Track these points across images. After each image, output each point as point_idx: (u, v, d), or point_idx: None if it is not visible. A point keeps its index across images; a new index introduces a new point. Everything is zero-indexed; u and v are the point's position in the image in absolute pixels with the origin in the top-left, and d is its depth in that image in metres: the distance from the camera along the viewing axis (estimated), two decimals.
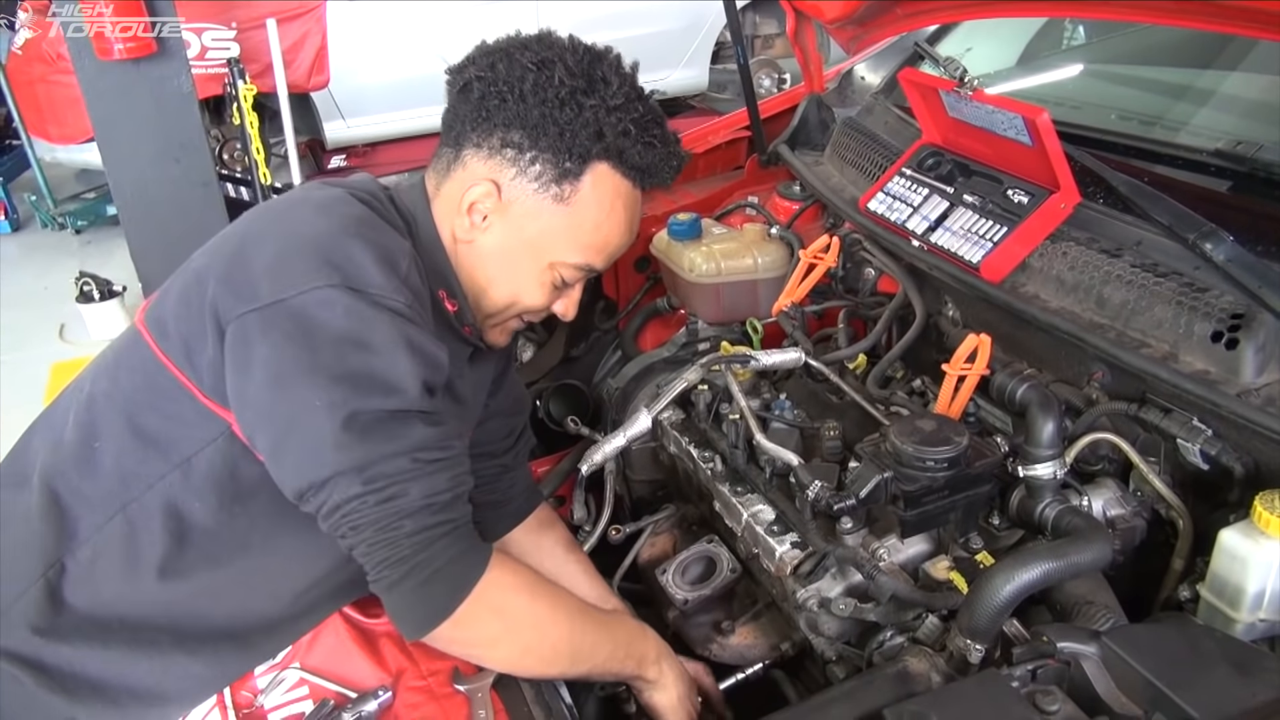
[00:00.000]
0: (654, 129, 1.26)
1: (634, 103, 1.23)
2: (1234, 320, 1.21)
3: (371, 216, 1.16)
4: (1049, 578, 1.09)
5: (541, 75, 1.19)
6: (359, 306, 1.06)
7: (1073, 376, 1.46)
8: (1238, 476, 1.23)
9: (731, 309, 1.97)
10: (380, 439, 1.05)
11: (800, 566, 1.32)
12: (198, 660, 1.17)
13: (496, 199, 1.24)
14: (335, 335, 1.04)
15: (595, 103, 1.20)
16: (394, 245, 1.14)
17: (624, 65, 1.26)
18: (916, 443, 1.24)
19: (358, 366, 1.05)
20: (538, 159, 1.22)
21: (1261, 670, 0.96)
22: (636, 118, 1.23)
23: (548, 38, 1.25)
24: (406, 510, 1.05)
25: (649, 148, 1.25)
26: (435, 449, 1.09)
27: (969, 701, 0.98)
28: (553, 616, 1.19)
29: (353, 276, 1.07)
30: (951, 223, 1.56)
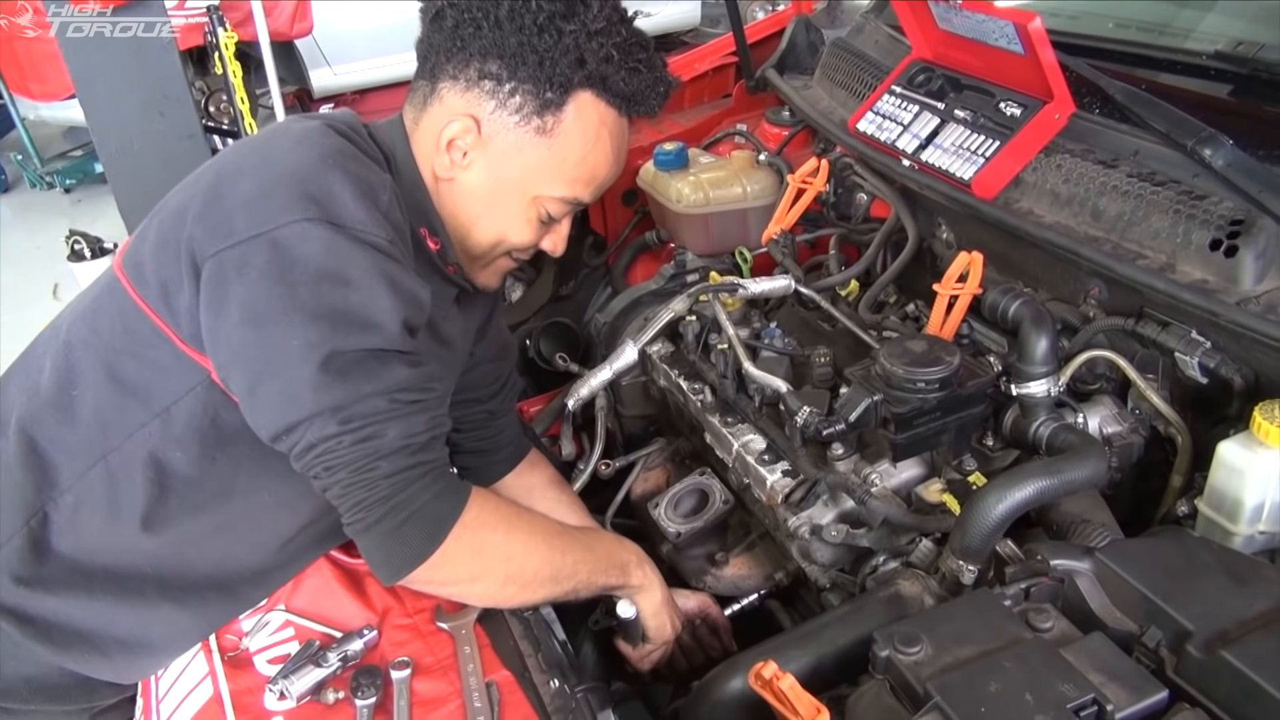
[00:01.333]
0: (639, 53, 1.19)
1: (616, 26, 1.17)
2: (1233, 227, 1.17)
3: (351, 149, 1.12)
4: (1042, 495, 1.07)
5: (517, 0, 1.13)
6: (338, 241, 1.02)
7: (1069, 294, 1.42)
8: (1237, 389, 1.20)
9: (721, 239, 1.93)
10: (358, 379, 1.02)
11: (792, 495, 1.30)
12: (184, 609, 1.16)
13: (476, 135, 1.18)
14: (313, 271, 1.01)
15: (575, 28, 1.14)
16: (374, 178, 1.10)
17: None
18: (906, 364, 1.21)
19: (336, 303, 1.01)
20: (517, 90, 1.16)
21: (1258, 580, 0.94)
22: (620, 42, 1.17)
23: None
24: (383, 451, 1.02)
25: (634, 73, 1.19)
26: (414, 390, 1.06)
27: (960, 621, 0.96)
28: (529, 544, 1.17)
29: (332, 210, 1.03)
30: (943, 140, 1.51)
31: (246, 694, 1.05)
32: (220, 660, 1.10)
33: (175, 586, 1.15)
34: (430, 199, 1.23)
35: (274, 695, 1.03)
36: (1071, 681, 0.85)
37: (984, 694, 0.85)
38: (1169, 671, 0.90)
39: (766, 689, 0.97)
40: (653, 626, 1.33)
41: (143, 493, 1.12)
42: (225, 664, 1.09)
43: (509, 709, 0.99)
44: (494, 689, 1.02)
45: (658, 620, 1.33)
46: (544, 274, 2.18)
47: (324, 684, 1.05)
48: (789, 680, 0.96)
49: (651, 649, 1.35)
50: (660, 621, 1.34)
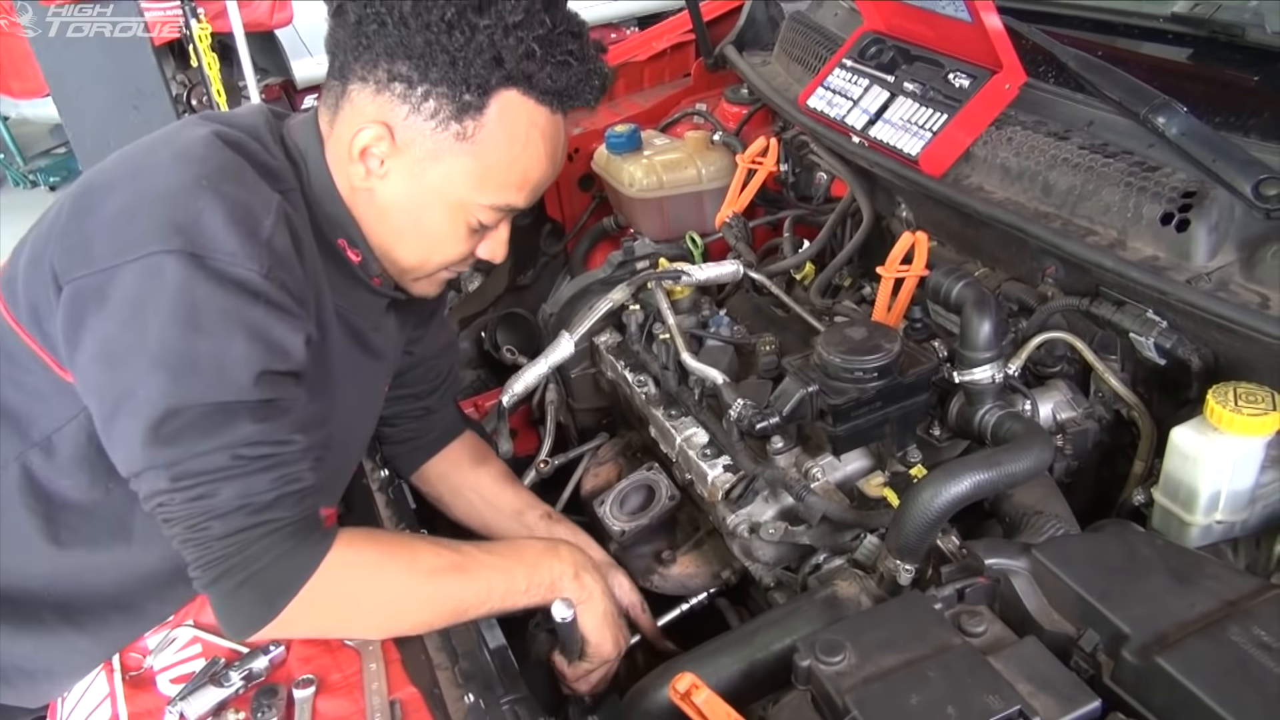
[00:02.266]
0: (566, 43, 1.07)
1: (538, 15, 1.04)
2: (1185, 200, 1.10)
3: (237, 165, 1.01)
4: (980, 489, 1.01)
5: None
6: (198, 279, 0.93)
7: (1026, 274, 1.36)
8: (1196, 370, 1.13)
9: (677, 223, 1.87)
10: (195, 435, 0.93)
11: (731, 491, 1.24)
12: (85, 633, 1.11)
13: (390, 143, 1.07)
14: (166, 313, 0.92)
15: (490, 22, 1.01)
16: (256, 200, 0.99)
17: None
18: (844, 352, 1.14)
19: (184, 351, 0.93)
20: (430, 94, 1.04)
21: (1202, 578, 0.88)
22: (543, 34, 1.04)
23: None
24: (217, 511, 0.94)
25: (562, 67, 1.07)
26: (265, 444, 0.97)
27: (888, 627, 0.90)
28: (409, 589, 1.09)
29: (198, 241, 0.93)
30: (891, 114, 1.44)
31: (145, 716, 1.01)
32: (121, 681, 1.05)
33: (75, 610, 1.10)
34: (348, 210, 1.13)
35: (173, 717, 0.99)
36: (998, 692, 0.80)
37: (904, 706, 0.80)
38: (1105, 678, 0.85)
39: (685, 702, 0.92)
40: (591, 643, 1.23)
41: (28, 523, 1.06)
42: (126, 684, 1.05)
43: None
44: (398, 707, 0.97)
45: (597, 636, 1.22)
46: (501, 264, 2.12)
47: (225, 704, 1.00)
48: (704, 694, 0.91)
49: (589, 668, 1.25)
50: (600, 638, 1.23)
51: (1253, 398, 1.01)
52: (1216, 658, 0.78)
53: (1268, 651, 0.77)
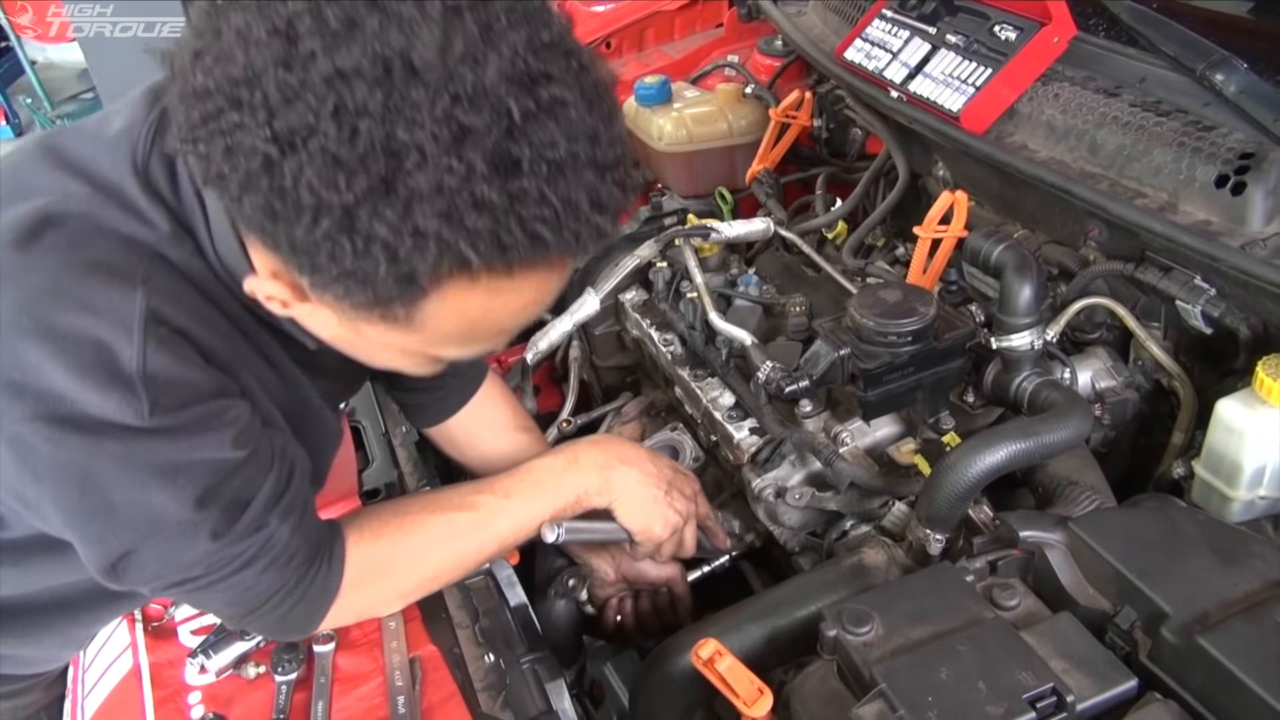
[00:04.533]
0: (539, 198, 0.66)
1: (481, 175, 0.64)
2: (1242, 161, 1.05)
3: (72, 271, 0.76)
4: (1015, 460, 0.98)
5: (290, 160, 0.64)
6: (70, 440, 0.76)
7: (1068, 236, 1.31)
8: (1244, 339, 1.09)
9: (706, 179, 1.82)
10: (156, 566, 0.84)
11: (758, 454, 1.22)
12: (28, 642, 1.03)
13: (304, 301, 0.77)
14: (55, 476, 0.79)
15: (395, 216, 0.64)
16: (106, 324, 0.75)
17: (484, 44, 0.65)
18: (877, 315, 1.11)
19: (97, 508, 0.80)
20: (337, 294, 0.72)
21: (1246, 556, 0.85)
22: (495, 200, 0.65)
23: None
24: (211, 603, 0.90)
25: (534, 239, 0.67)
26: (235, 546, 0.85)
27: (917, 597, 0.89)
28: (432, 568, 1.03)
29: (49, 400, 0.75)
30: (933, 68, 1.39)
31: (167, 666, 1.01)
32: (143, 631, 1.05)
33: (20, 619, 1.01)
34: None
35: (194, 668, 0.99)
36: (1030, 669, 0.78)
37: (934, 681, 0.78)
38: (1142, 656, 0.83)
39: (708, 668, 0.91)
40: (637, 533, 1.17)
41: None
42: (148, 635, 1.05)
43: (431, 686, 0.94)
44: (417, 665, 0.96)
45: (641, 525, 1.16)
46: None
47: (246, 657, 1.00)
48: (728, 661, 0.90)
49: (649, 550, 1.20)
50: (645, 525, 1.16)
51: None
52: (1261, 640, 0.76)
53: None
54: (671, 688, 1.04)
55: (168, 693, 0.99)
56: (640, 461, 1.17)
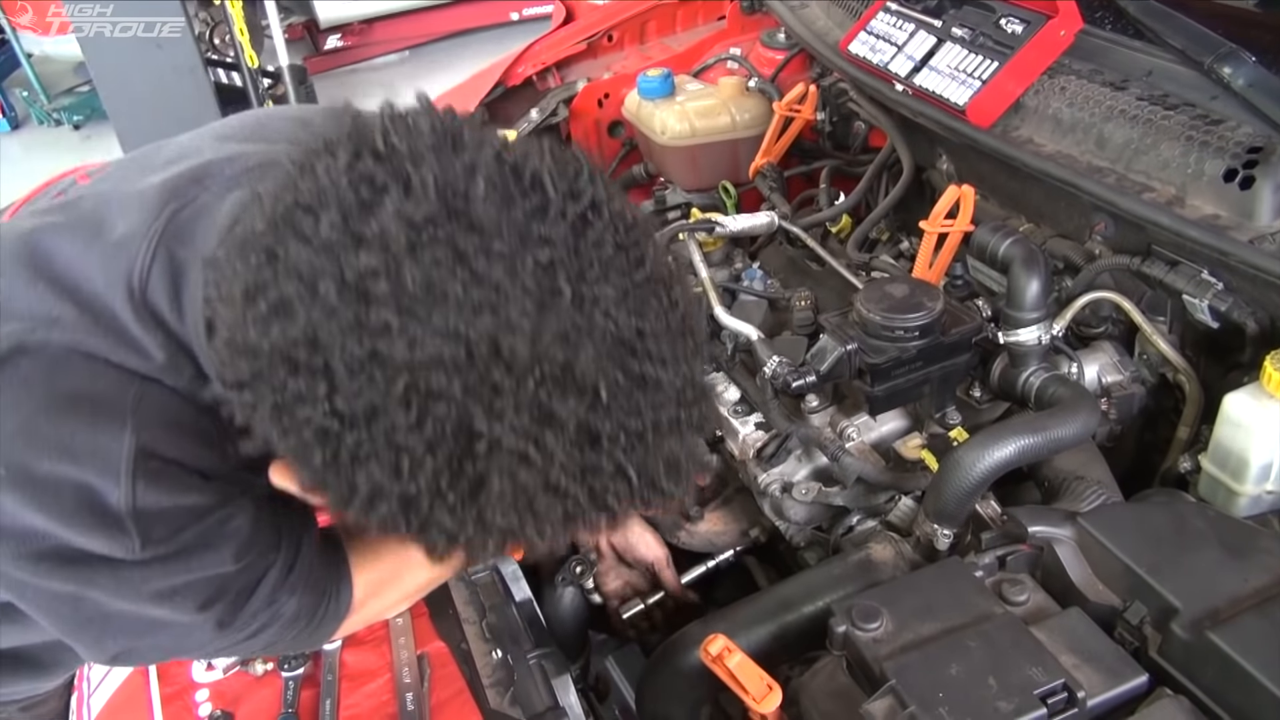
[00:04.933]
0: (623, 459, 0.61)
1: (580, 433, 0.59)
2: (1250, 155, 1.05)
3: (57, 403, 0.71)
4: (1024, 455, 0.98)
5: (350, 438, 0.57)
6: (54, 574, 0.73)
7: (1074, 230, 1.31)
8: (1251, 334, 1.09)
9: (710, 173, 1.82)
10: (158, 654, 0.86)
11: (764, 449, 1.22)
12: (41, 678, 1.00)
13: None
14: (47, 600, 0.76)
15: (478, 487, 0.58)
16: (90, 471, 0.70)
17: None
18: (884, 310, 1.11)
19: (93, 617, 0.77)
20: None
21: (1256, 552, 0.85)
22: (583, 467, 0.60)
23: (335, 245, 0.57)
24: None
25: (604, 509, 0.63)
26: (237, 633, 0.82)
27: (926, 593, 0.89)
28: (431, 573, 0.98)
29: (30, 540, 0.71)
30: (938, 61, 1.38)
31: (174, 664, 1.01)
32: None
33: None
34: None
35: (201, 665, 0.99)
36: (1041, 664, 0.78)
37: (944, 677, 0.78)
38: (1152, 652, 0.83)
39: (716, 664, 0.91)
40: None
41: None
42: None
43: (440, 682, 0.94)
44: (425, 661, 0.96)
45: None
46: None
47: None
48: (737, 657, 0.89)
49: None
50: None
51: None
52: (1272, 635, 0.76)
53: None
54: (680, 683, 1.04)
55: (175, 690, 0.98)
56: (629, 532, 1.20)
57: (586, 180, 0.61)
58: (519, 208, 0.57)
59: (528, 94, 2.02)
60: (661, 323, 0.61)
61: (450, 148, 0.59)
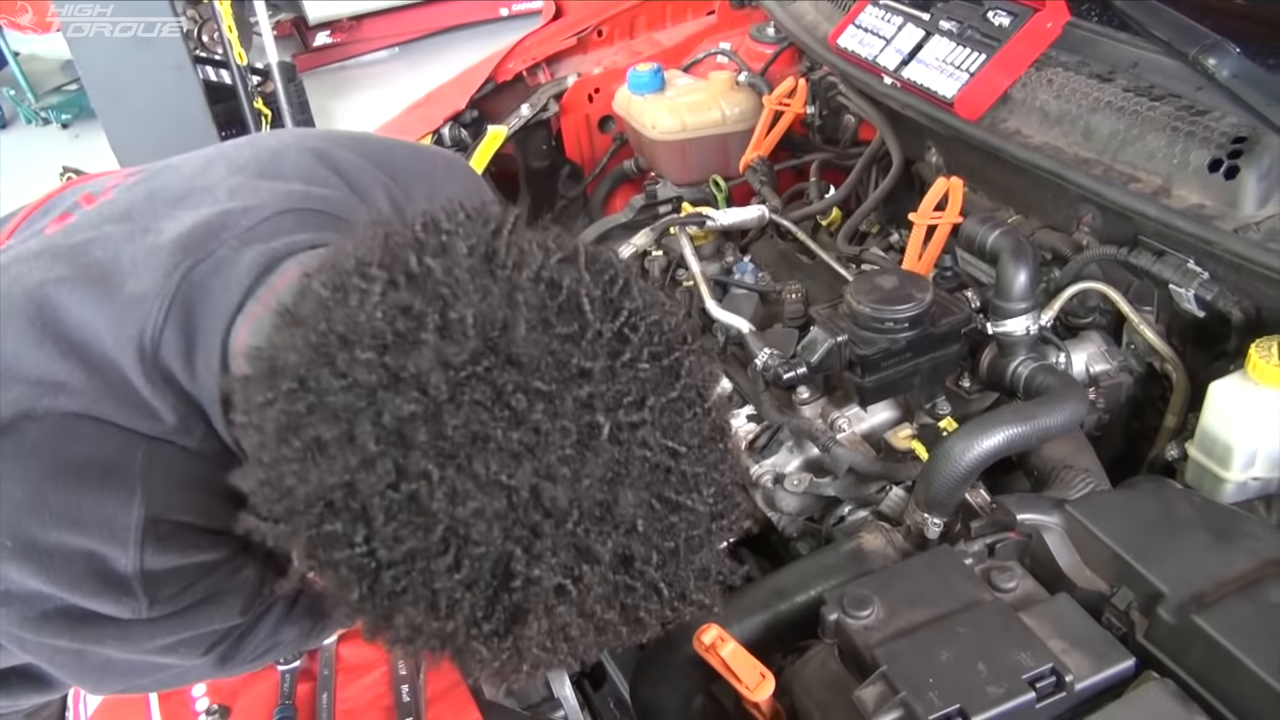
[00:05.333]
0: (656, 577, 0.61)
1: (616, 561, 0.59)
2: (1235, 145, 1.06)
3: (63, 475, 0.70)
4: (1013, 444, 0.99)
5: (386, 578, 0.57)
6: (59, 632, 0.73)
7: (1061, 221, 1.32)
8: (1236, 323, 1.10)
9: (701, 167, 1.82)
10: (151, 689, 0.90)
11: (755, 441, 1.22)
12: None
13: None
14: (50, 653, 0.77)
15: (514, 621, 0.58)
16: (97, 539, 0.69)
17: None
18: (874, 302, 1.12)
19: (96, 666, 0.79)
20: None
21: (1241, 537, 0.86)
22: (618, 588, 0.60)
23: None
24: None
25: (636, 624, 0.63)
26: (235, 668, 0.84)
27: (917, 581, 0.90)
28: None
29: (38, 601, 0.71)
30: (926, 54, 1.39)
31: None
32: None
33: None
34: None
35: None
36: (1030, 649, 0.79)
37: (935, 663, 0.79)
38: (1139, 636, 0.84)
39: (710, 654, 0.92)
40: None
41: None
42: None
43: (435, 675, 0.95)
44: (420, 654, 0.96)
45: None
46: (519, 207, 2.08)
47: None
48: (731, 646, 0.90)
49: None
50: None
51: None
52: (1257, 618, 0.77)
53: None
54: (673, 672, 1.05)
55: None
56: None
57: (621, 290, 0.59)
58: (556, 334, 0.56)
59: (518, 90, 2.03)
60: (696, 436, 0.61)
61: (487, 270, 0.57)
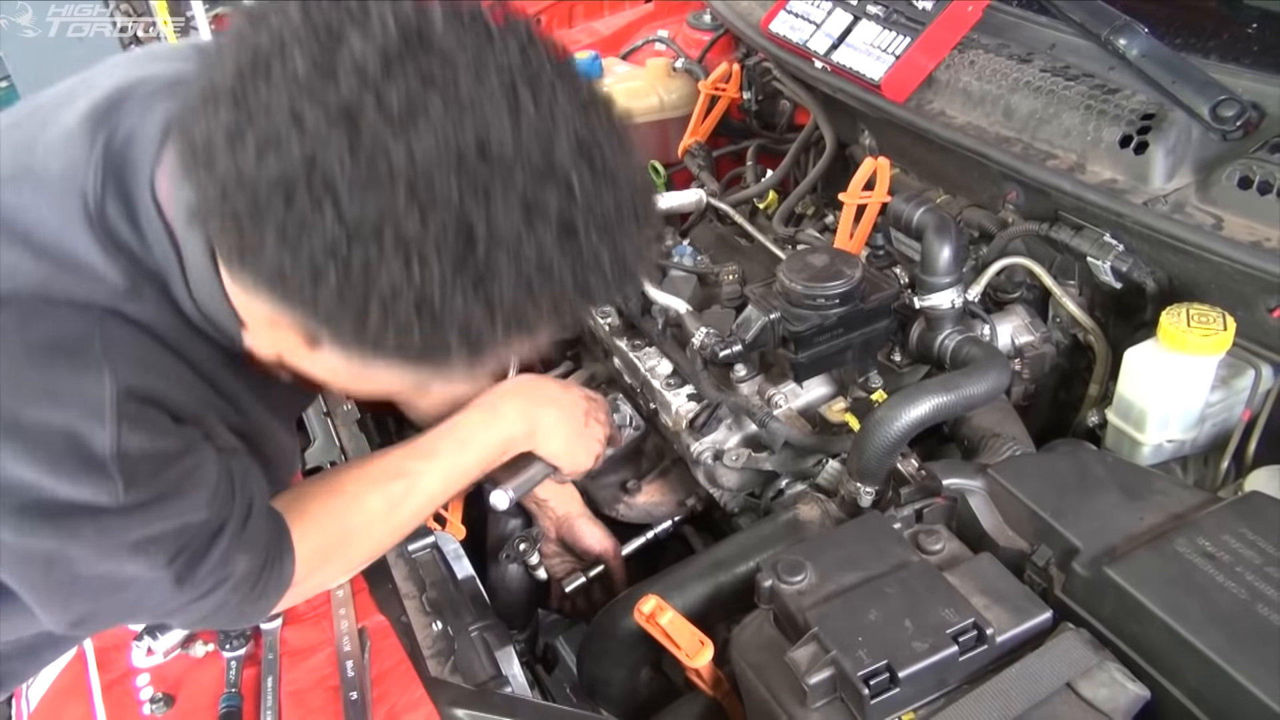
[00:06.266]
0: (600, 248, 0.66)
1: (563, 225, 0.64)
2: (1144, 122, 1.11)
3: (35, 352, 0.72)
4: (939, 412, 1.02)
5: (359, 251, 0.61)
6: (36, 529, 0.74)
7: (988, 199, 1.36)
8: (1150, 293, 1.15)
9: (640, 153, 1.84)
10: (115, 618, 0.88)
11: (696, 419, 1.25)
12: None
13: (315, 349, 0.73)
14: (19, 558, 0.77)
15: (483, 276, 0.63)
16: (76, 416, 0.72)
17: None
18: (806, 279, 1.15)
19: (63, 581, 0.79)
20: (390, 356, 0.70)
21: (1150, 493, 0.90)
22: (570, 255, 0.65)
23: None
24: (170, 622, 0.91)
25: (589, 296, 0.69)
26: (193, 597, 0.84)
27: (848, 546, 0.92)
28: (374, 540, 1.03)
29: (15, 492, 0.72)
30: (855, 38, 1.42)
31: (112, 650, 1.00)
32: None
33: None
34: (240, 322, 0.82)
35: (141, 650, 0.99)
36: (953, 606, 0.82)
37: (863, 622, 0.82)
38: (1057, 590, 0.88)
39: (651, 624, 0.94)
40: (566, 467, 1.22)
41: None
42: None
43: (380, 655, 0.95)
44: (365, 635, 0.97)
45: (568, 457, 1.21)
46: None
47: (193, 637, 1.00)
48: (669, 615, 0.93)
49: (574, 474, 1.25)
50: (571, 456, 1.21)
51: (1204, 318, 1.03)
52: (1162, 568, 0.81)
53: (1211, 560, 0.80)
54: (617, 647, 1.07)
55: (115, 676, 0.98)
56: (556, 398, 1.21)
57: (515, 17, 0.67)
58: (470, 30, 0.63)
59: None
60: (613, 132, 0.68)
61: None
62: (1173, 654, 0.77)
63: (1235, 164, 1.04)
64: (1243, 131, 1.07)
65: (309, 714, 0.92)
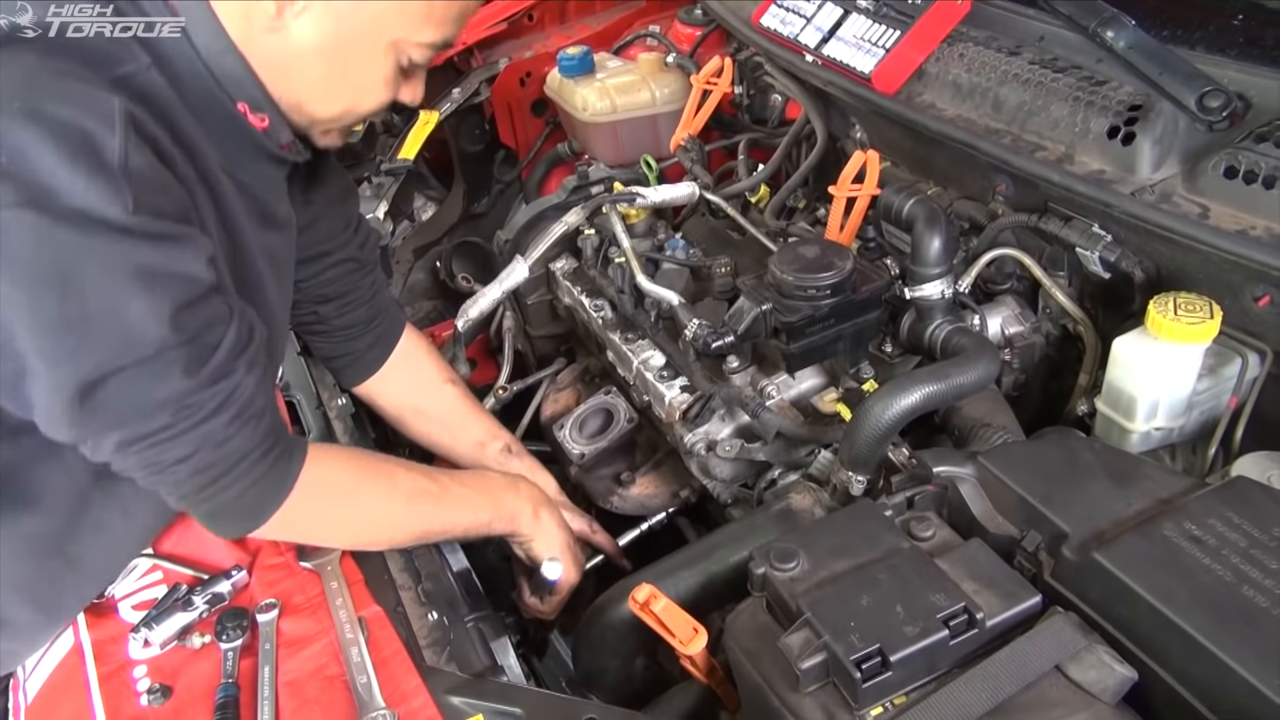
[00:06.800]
0: None
1: None
2: (1131, 113, 1.12)
3: (53, 72, 0.81)
4: (929, 401, 1.03)
5: None
6: (51, 232, 0.78)
7: (978, 191, 1.37)
8: (1139, 282, 1.16)
9: (632, 148, 1.84)
10: (124, 403, 0.85)
11: (689, 411, 1.26)
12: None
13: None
14: (31, 280, 0.80)
15: None
16: (91, 117, 0.79)
17: None
18: (797, 270, 1.15)
19: (71, 318, 0.81)
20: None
21: (1139, 479, 0.91)
22: None
23: None
24: (175, 458, 0.88)
25: None
26: (204, 390, 0.87)
27: (840, 534, 0.93)
28: (387, 511, 1.08)
29: (33, 185, 0.77)
30: (845, 31, 1.43)
31: (109, 643, 1.01)
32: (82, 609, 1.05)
33: None
34: (246, 65, 0.93)
35: (138, 642, 0.99)
36: (944, 591, 0.83)
37: (855, 608, 0.83)
38: (1046, 575, 0.88)
39: (645, 612, 0.95)
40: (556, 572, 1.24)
41: None
42: (88, 613, 1.05)
43: (376, 644, 0.96)
44: (363, 624, 0.98)
45: (562, 563, 1.24)
46: (454, 192, 2.09)
47: (190, 628, 1.01)
48: (663, 602, 0.93)
49: (558, 599, 1.27)
50: (564, 563, 1.24)
51: (1191, 307, 1.04)
52: (1149, 552, 0.82)
53: (1198, 544, 0.81)
54: (612, 636, 1.08)
55: (112, 668, 0.99)
56: (557, 512, 1.27)
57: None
58: None
59: (449, 74, 2.03)
60: None
61: None
62: (1160, 636, 0.77)
63: (1221, 154, 1.05)
64: (1229, 122, 1.08)
65: (306, 704, 0.92)
